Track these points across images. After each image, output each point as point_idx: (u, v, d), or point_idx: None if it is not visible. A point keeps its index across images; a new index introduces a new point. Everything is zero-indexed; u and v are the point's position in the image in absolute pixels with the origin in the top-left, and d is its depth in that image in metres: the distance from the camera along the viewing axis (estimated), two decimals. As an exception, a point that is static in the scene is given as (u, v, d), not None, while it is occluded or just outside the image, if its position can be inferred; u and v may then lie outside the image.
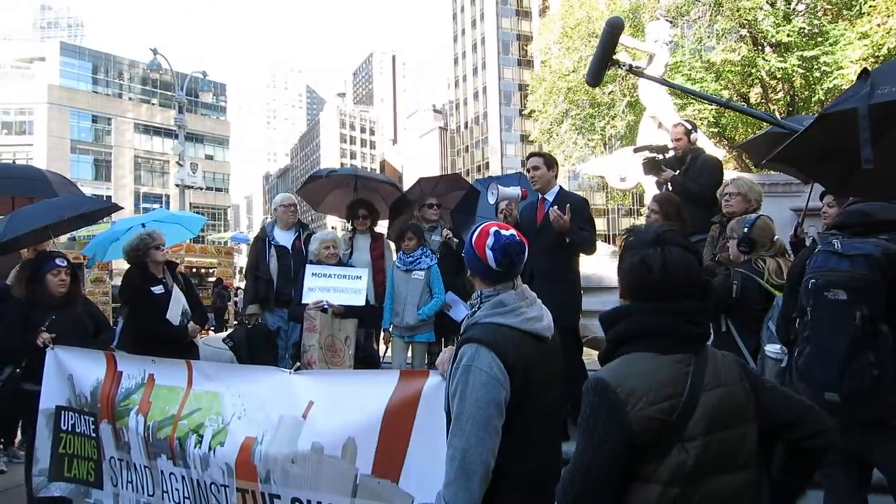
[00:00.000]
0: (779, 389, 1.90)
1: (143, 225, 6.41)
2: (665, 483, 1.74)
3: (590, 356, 6.68)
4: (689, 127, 6.18)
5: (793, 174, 5.12)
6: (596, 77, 3.65)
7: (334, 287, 5.43)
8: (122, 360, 4.07)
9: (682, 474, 1.73)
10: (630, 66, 3.77)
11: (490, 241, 2.27)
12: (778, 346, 3.29)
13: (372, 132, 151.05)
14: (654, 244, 1.89)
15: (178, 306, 5.12)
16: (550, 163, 5.27)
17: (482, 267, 2.31)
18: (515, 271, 2.33)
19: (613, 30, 3.40)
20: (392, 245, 6.45)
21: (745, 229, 3.69)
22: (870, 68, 2.15)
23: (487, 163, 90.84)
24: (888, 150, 2.49)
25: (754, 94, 22.17)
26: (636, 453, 1.76)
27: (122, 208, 6.56)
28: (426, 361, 5.88)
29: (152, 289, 5.06)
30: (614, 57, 3.35)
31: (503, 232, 2.29)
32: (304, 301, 5.36)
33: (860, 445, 2.73)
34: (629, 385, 1.77)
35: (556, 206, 4.84)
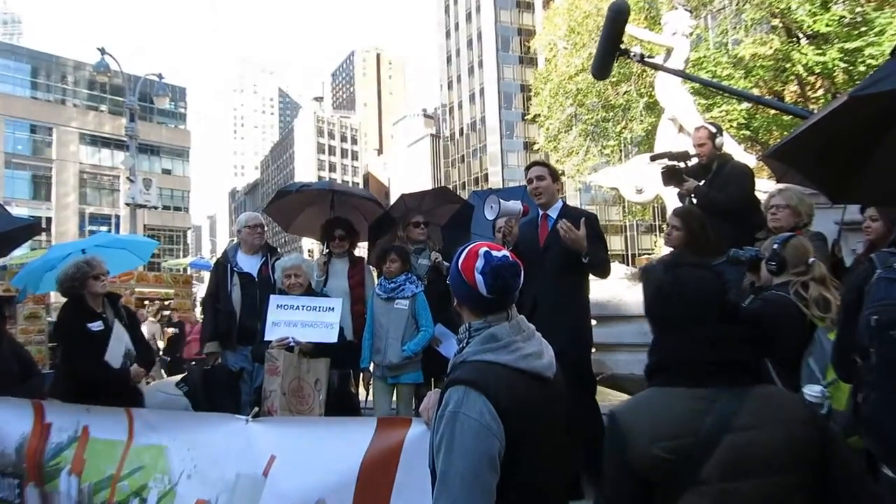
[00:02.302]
0: (862, 475, 1.86)
1: (84, 251, 6.32)
2: None
3: (607, 397, 6.69)
4: (714, 130, 6.11)
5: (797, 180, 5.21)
6: (602, 69, 3.71)
7: (302, 321, 5.31)
8: (52, 410, 3.99)
9: None
10: (641, 55, 3.77)
11: (479, 263, 2.24)
12: (818, 388, 3.20)
13: (354, 141, 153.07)
14: (666, 270, 2.04)
15: (119, 345, 5.04)
16: (556, 174, 5.29)
17: (471, 294, 2.27)
18: (510, 298, 2.29)
19: (617, 16, 3.41)
20: (374, 270, 6.34)
21: (776, 245, 3.70)
22: None
23: (486, 174, 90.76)
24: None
25: (790, 93, 22.30)
26: (653, 492, 1.83)
27: (44, 229, 6.43)
28: (413, 407, 5.74)
29: (89, 325, 4.98)
30: (622, 47, 3.34)
31: (494, 253, 2.26)
32: (266, 338, 5.26)
33: None
34: (633, 419, 1.88)
35: (564, 220, 4.79)
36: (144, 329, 10.05)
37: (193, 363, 9.64)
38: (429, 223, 6.40)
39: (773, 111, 21.16)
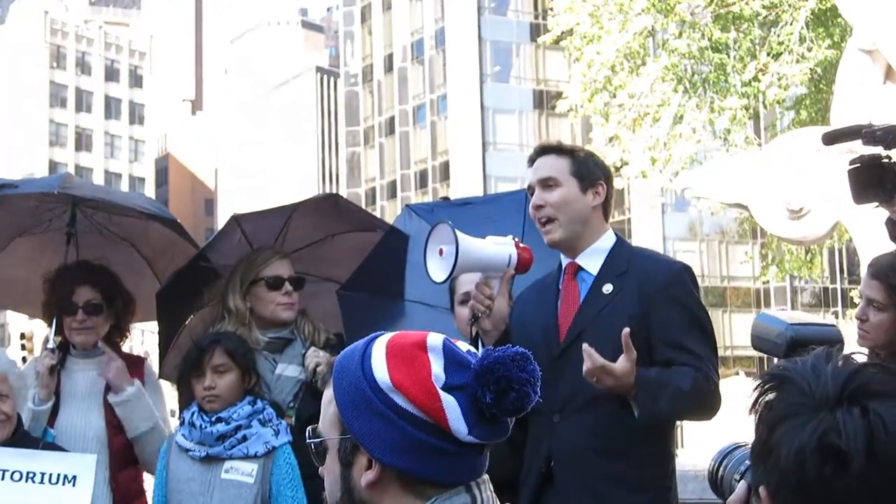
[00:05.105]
0: None
1: None
2: None
3: None
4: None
5: None
6: None
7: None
8: None
9: None
10: None
11: (438, 367, 1.23)
12: None
13: (136, 80, 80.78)
14: (839, 402, 1.07)
15: None
16: (590, 171, 3.11)
17: (423, 444, 1.23)
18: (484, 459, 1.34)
19: None
20: (171, 388, 4.32)
21: None
22: None
23: (446, 163, 51.07)
24: None
25: None
26: None
27: None
28: None
29: None
30: None
31: (457, 345, 1.27)
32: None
33: None
34: None
35: (591, 353, 2.69)
36: None
37: None
38: (303, 280, 3.96)
39: None
